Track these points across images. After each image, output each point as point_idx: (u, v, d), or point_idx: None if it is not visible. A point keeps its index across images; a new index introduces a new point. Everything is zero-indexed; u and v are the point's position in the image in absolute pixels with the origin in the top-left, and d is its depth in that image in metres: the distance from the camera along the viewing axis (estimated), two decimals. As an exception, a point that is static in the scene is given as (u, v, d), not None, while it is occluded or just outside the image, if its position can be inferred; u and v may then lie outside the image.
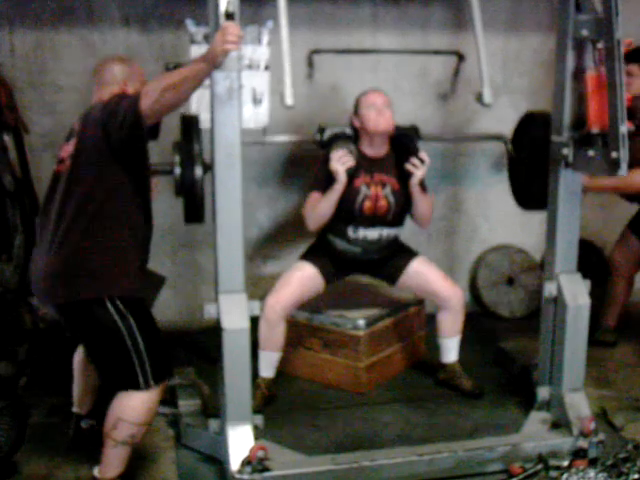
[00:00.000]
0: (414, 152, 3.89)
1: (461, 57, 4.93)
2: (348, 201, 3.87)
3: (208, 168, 3.31)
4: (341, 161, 3.77)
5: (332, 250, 4.05)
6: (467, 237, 5.53)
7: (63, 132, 4.65)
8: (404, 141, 4.02)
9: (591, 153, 3.25)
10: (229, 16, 2.92)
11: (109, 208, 2.97)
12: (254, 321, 3.31)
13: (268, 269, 5.22)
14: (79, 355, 3.48)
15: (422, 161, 3.84)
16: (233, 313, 3.21)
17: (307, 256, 4.09)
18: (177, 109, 2.95)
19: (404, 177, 3.90)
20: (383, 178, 3.93)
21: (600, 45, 3.21)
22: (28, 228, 4.03)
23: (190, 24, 3.64)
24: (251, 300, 3.27)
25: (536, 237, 5.28)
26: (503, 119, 5.22)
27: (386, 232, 3.98)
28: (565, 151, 3.40)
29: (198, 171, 3.34)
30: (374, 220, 3.94)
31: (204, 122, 3.42)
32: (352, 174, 3.82)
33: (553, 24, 3.49)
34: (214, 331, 3.30)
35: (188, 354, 4.53)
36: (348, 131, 4.04)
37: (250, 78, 3.62)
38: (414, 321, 4.48)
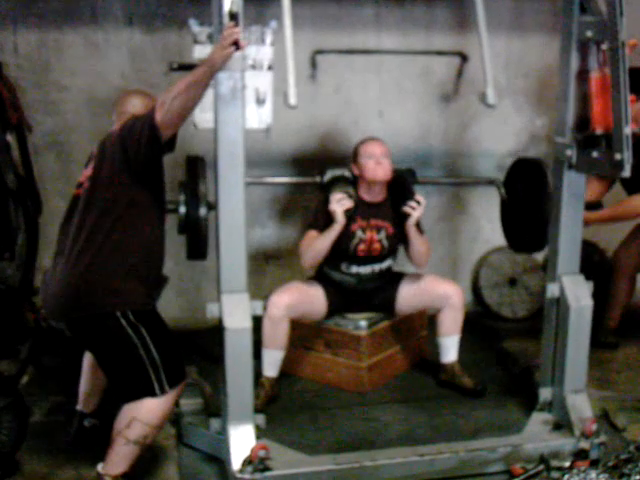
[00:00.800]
0: (410, 196, 3.95)
1: (464, 58, 4.93)
2: (343, 243, 3.97)
3: (212, 207, 3.38)
4: (340, 203, 3.84)
5: (329, 281, 4.14)
6: (470, 238, 5.53)
7: (66, 131, 4.72)
8: (401, 185, 4.09)
9: (595, 154, 3.24)
10: (233, 16, 2.93)
11: (125, 224, 3.02)
12: (256, 321, 3.31)
13: (270, 269, 5.22)
14: (89, 356, 3.49)
15: (418, 202, 3.91)
16: (235, 313, 3.22)
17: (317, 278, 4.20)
18: (190, 115, 3.00)
19: (399, 220, 3.99)
20: (379, 223, 4.04)
21: (604, 46, 3.20)
22: (30, 227, 4.03)
23: (193, 24, 3.63)
24: (253, 300, 3.27)
25: (539, 238, 5.27)
26: (506, 120, 5.24)
27: (378, 267, 4.11)
28: (569, 152, 3.40)
29: (202, 211, 3.46)
30: (366, 260, 4.06)
31: (205, 122, 3.43)
32: (349, 217, 3.91)
33: (557, 25, 3.48)
34: (216, 330, 3.31)
35: (190, 353, 4.53)
36: (347, 174, 4.15)
37: (253, 78, 3.62)
38: (415, 322, 4.48)
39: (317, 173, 4.24)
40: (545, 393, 3.73)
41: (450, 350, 4.14)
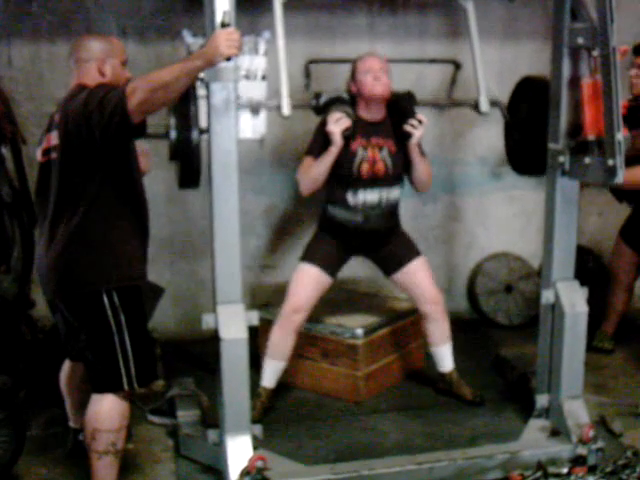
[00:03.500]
0: (411, 115, 3.87)
1: (458, 66, 4.93)
2: (345, 164, 3.84)
3: (203, 131, 3.27)
4: (337, 123, 3.73)
5: (333, 226, 4.00)
6: (465, 245, 5.54)
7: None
8: (401, 105, 3.97)
9: (587, 160, 3.26)
10: (225, 27, 2.93)
11: (104, 198, 2.95)
12: (252, 331, 3.31)
13: (266, 278, 5.22)
14: (64, 372, 3.48)
15: (420, 122, 3.83)
16: (231, 323, 3.22)
17: (308, 254, 4.02)
18: (166, 107, 2.92)
19: (401, 140, 3.89)
20: (380, 141, 3.91)
21: (595, 53, 3.22)
22: (26, 240, 4.03)
23: (187, 35, 3.64)
24: (249, 310, 3.27)
25: (534, 244, 5.29)
26: (500, 127, 5.24)
27: (385, 194, 3.93)
28: (561, 159, 3.41)
29: (194, 134, 3.26)
30: (372, 182, 3.90)
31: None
32: (349, 137, 3.79)
33: (549, 32, 3.50)
34: (213, 341, 3.31)
35: (187, 364, 4.53)
36: (345, 96, 4.00)
37: (247, 88, 3.63)
38: (412, 330, 4.47)
39: (313, 97, 4.07)
40: (542, 400, 3.73)
41: (445, 359, 4.14)
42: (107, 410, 3.01)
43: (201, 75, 3.00)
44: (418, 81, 5.14)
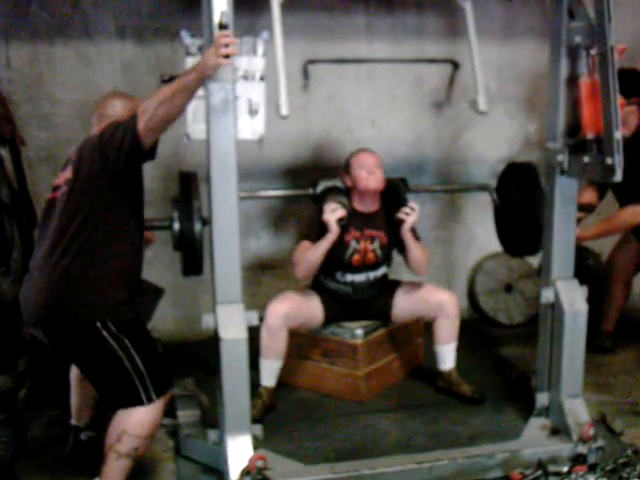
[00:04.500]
0: (404, 203, 3.97)
1: (456, 65, 4.95)
2: (338, 254, 3.98)
3: (206, 222, 3.37)
4: (333, 213, 3.84)
5: (326, 290, 4.15)
6: (464, 245, 5.54)
7: (59, 145, 4.72)
8: (393, 194, 4.10)
9: (586, 159, 3.25)
10: (223, 27, 2.94)
11: (104, 230, 2.98)
12: (252, 331, 3.31)
13: (265, 279, 5.22)
14: (75, 369, 3.48)
15: (412, 209, 3.93)
16: (231, 323, 3.22)
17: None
18: (173, 123, 2.94)
19: (394, 229, 4.00)
20: (373, 233, 4.05)
21: (593, 52, 3.22)
22: (25, 241, 4.03)
23: (185, 36, 3.65)
24: (248, 310, 3.27)
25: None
26: (499, 126, 5.25)
27: (373, 274, 4.12)
28: (560, 158, 3.41)
29: (197, 226, 3.46)
30: (361, 268, 4.08)
31: (199, 133, 3.44)
32: (343, 227, 3.91)
33: (547, 31, 3.50)
34: (212, 341, 3.31)
35: (187, 365, 4.53)
36: (340, 185, 4.14)
37: (246, 89, 3.63)
38: (412, 329, 4.48)
39: (309, 185, 4.24)
40: (542, 398, 3.73)
41: (447, 358, 4.15)
42: (140, 416, 3.03)
43: None
44: (416, 81, 5.15)
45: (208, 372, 3.99)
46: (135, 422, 3.02)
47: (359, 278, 4.09)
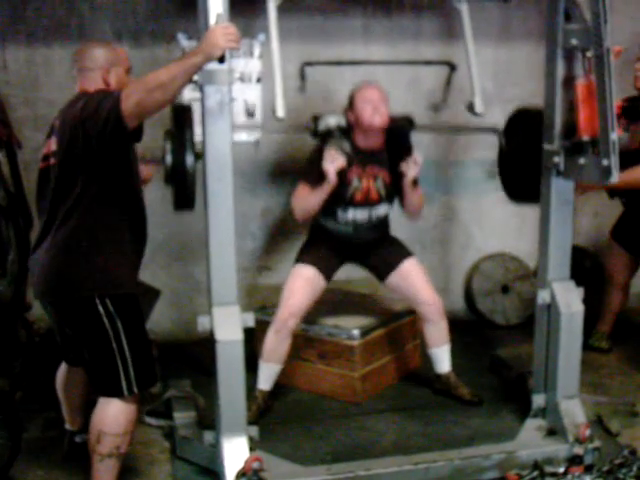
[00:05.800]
0: (408, 150, 3.90)
1: (453, 67, 4.94)
2: (339, 192, 3.86)
3: (199, 156, 3.27)
4: (333, 163, 3.73)
5: (325, 234, 4.06)
6: (461, 245, 5.54)
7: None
8: (398, 136, 4.00)
9: (582, 161, 3.26)
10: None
11: (100, 205, 2.95)
12: (247, 333, 3.31)
13: (262, 280, 5.22)
14: (60, 375, 3.48)
15: (415, 163, 3.85)
16: (226, 325, 3.22)
17: (302, 256, 4.07)
18: (164, 109, 2.90)
19: (396, 170, 3.90)
20: (375, 171, 3.94)
21: (589, 54, 3.22)
22: (21, 243, 4.03)
23: (182, 38, 3.65)
24: (244, 312, 3.27)
25: (530, 244, 5.27)
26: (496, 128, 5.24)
27: (375, 211, 3.99)
28: (556, 159, 3.42)
29: (189, 159, 3.24)
30: (364, 204, 3.96)
31: (197, 135, 3.42)
32: (343, 171, 3.80)
33: (543, 33, 3.50)
34: (209, 343, 3.31)
35: (183, 366, 4.53)
36: (342, 122, 4.01)
37: (242, 91, 3.63)
38: (408, 330, 4.48)
39: (311, 120, 4.11)
40: (538, 399, 3.73)
41: (442, 361, 4.14)
42: (114, 414, 3.01)
43: (195, 77, 2.99)
44: (413, 83, 5.15)
45: (204, 373, 3.98)
46: (110, 420, 3.00)
47: (361, 215, 3.96)
